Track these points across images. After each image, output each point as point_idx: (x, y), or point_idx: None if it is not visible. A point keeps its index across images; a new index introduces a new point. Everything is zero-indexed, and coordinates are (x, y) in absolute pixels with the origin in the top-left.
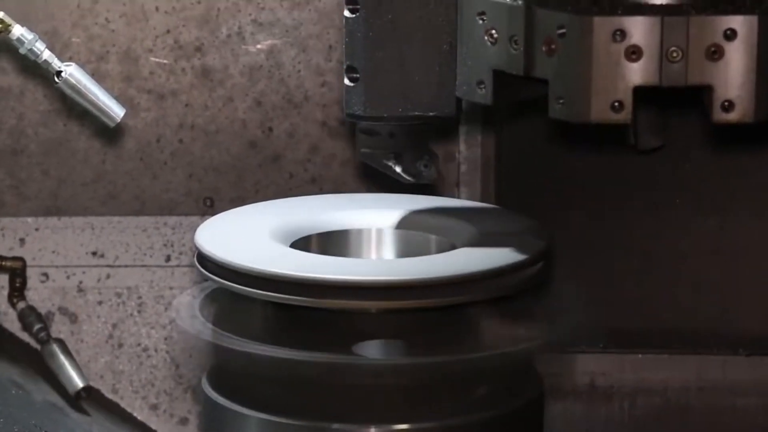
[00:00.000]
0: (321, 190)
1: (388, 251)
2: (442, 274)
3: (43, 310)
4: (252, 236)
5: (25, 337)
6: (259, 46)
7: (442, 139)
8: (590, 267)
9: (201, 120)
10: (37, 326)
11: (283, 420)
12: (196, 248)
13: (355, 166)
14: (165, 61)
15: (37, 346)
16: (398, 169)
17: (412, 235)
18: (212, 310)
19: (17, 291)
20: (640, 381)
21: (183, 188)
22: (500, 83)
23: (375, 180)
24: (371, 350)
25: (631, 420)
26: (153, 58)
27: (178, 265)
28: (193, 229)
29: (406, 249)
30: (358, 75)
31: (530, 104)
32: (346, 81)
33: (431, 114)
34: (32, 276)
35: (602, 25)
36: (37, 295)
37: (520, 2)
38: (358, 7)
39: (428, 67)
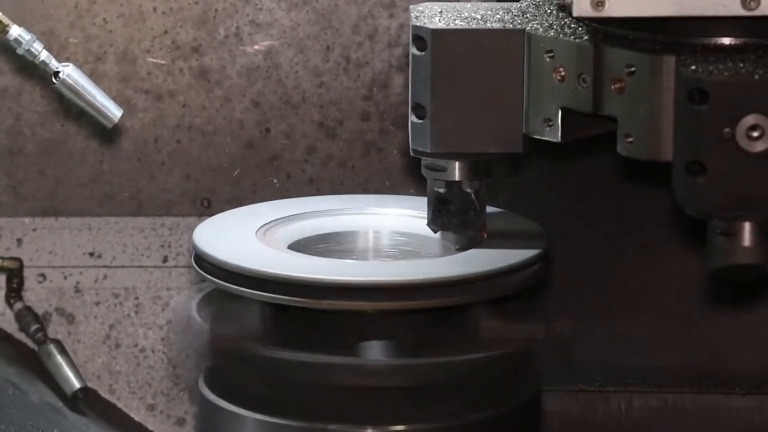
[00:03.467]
0: (318, 191)
1: (386, 252)
2: (438, 276)
3: (40, 311)
4: (249, 237)
5: (22, 337)
6: (256, 47)
7: None
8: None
9: (198, 120)
10: (34, 327)
11: (280, 421)
12: (194, 249)
13: (352, 167)
14: (162, 62)
15: (34, 347)
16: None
17: (410, 236)
18: (209, 311)
19: (14, 291)
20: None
21: (180, 189)
22: (568, 120)
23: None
24: (369, 351)
25: (629, 420)
26: (150, 59)
27: (175, 266)
28: (191, 229)
29: (404, 250)
30: (425, 112)
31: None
32: (413, 118)
33: (498, 151)
34: (29, 276)
35: (671, 64)
36: (34, 295)
37: (587, 40)
38: (426, 44)
39: (495, 105)
